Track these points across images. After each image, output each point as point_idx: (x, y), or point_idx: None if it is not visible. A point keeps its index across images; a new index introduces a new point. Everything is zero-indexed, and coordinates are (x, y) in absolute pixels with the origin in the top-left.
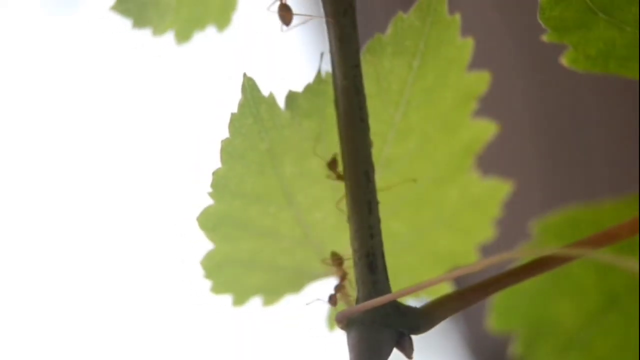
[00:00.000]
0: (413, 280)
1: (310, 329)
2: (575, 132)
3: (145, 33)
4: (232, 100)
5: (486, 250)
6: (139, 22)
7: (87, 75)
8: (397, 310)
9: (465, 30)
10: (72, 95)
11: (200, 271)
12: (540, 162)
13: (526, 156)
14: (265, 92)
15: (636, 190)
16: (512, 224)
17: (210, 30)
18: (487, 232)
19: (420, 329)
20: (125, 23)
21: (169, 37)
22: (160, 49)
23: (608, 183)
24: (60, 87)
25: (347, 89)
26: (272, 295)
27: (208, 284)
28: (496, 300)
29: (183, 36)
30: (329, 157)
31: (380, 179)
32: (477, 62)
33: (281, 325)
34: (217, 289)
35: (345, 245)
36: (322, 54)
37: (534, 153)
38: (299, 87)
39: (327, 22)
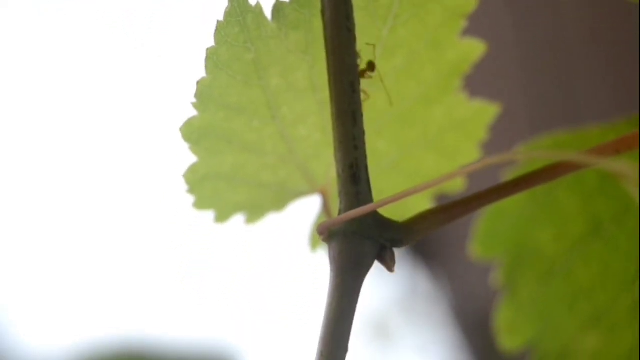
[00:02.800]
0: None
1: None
2: (562, 57)
3: None
4: (220, 8)
5: (471, 175)
6: None
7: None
8: (379, 222)
9: None
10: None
11: (183, 185)
12: (526, 87)
13: (512, 82)
14: (252, 1)
15: (622, 116)
16: (498, 149)
17: None
18: (472, 155)
19: (402, 241)
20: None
21: None
22: None
23: (595, 109)
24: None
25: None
26: (255, 212)
27: (191, 198)
28: (479, 227)
29: None
30: (313, 70)
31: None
32: None
33: (264, 243)
34: (200, 204)
35: (329, 162)
36: None
37: (519, 78)
38: None
39: None
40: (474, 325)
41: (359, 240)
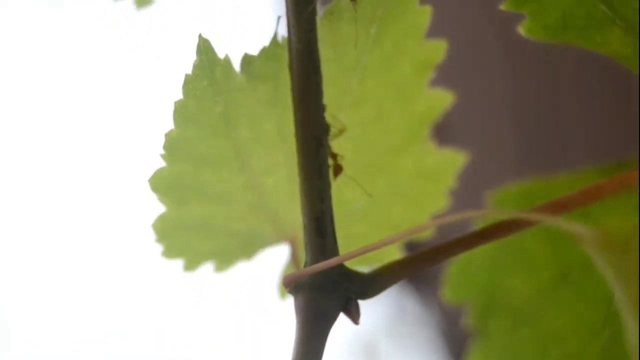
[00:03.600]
0: None
1: (261, 297)
2: (543, 104)
3: None
4: (188, 61)
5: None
6: None
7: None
8: (345, 274)
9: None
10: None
11: (152, 234)
12: (514, 133)
13: (501, 126)
14: (220, 55)
15: (594, 163)
16: (470, 195)
17: None
18: (441, 202)
19: (367, 293)
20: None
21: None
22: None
23: (580, 156)
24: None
25: (301, 52)
26: (224, 261)
27: (160, 247)
28: (450, 272)
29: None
30: (282, 122)
31: (335, 145)
32: (449, 31)
33: (234, 292)
34: (169, 253)
35: (297, 211)
36: (278, 18)
37: (509, 123)
38: (254, 51)
39: None
40: (462, 348)
41: (324, 294)
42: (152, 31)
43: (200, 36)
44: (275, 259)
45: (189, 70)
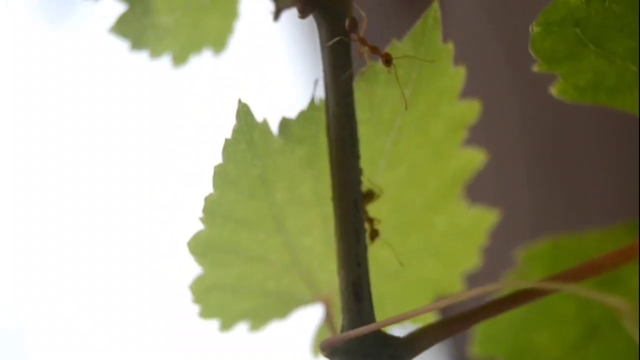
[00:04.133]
0: (399, 306)
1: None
2: (566, 161)
3: (143, 55)
4: (227, 125)
5: (474, 276)
6: (137, 44)
7: (83, 88)
8: (381, 340)
9: (460, 59)
10: (67, 108)
11: (189, 295)
12: (530, 190)
13: (517, 184)
14: (259, 118)
15: (621, 220)
16: (501, 250)
17: (207, 54)
18: (472, 261)
19: (403, 357)
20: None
21: (166, 59)
22: (160, 69)
23: (596, 213)
24: (54, 99)
25: (339, 116)
26: (259, 320)
27: (196, 308)
28: (479, 329)
29: (180, 59)
30: (318, 183)
31: (370, 205)
32: (471, 89)
33: (267, 350)
34: (205, 313)
35: (332, 272)
36: (316, 81)
37: (525, 181)
38: (292, 114)
39: (322, 50)
40: None
41: (360, 358)
42: (190, 91)
43: (239, 101)
44: (308, 316)
45: (229, 134)
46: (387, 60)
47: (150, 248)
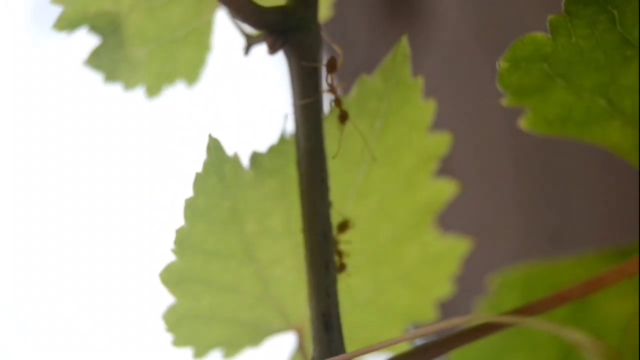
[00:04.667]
0: (372, 334)
1: None
2: (547, 188)
3: (116, 87)
4: (198, 156)
5: (448, 303)
6: (111, 77)
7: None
8: None
9: (449, 78)
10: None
11: (162, 325)
12: (515, 215)
13: (501, 209)
14: (230, 152)
15: (595, 248)
16: (475, 277)
17: (180, 86)
18: (445, 288)
19: None
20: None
21: (139, 91)
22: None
23: (575, 239)
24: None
25: (309, 151)
26: (232, 348)
27: (170, 337)
28: (453, 354)
29: (153, 91)
30: (289, 214)
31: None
32: (457, 110)
33: None
34: (179, 342)
35: (304, 301)
36: (285, 115)
37: (510, 206)
38: (263, 147)
39: (292, 84)
40: None
41: None
42: (160, 122)
43: (210, 136)
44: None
45: (199, 168)
46: (342, 117)
47: (123, 282)
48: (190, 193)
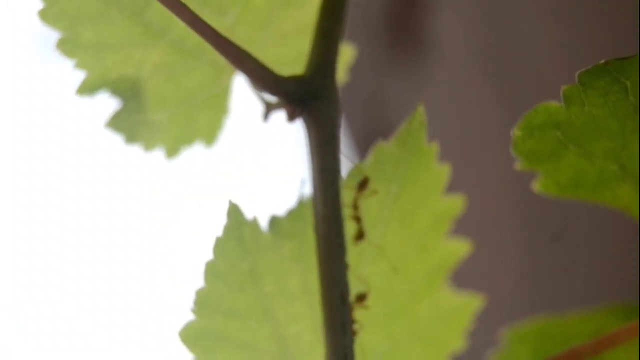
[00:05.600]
0: None
1: None
2: (553, 245)
3: (136, 148)
4: (218, 218)
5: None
6: (131, 138)
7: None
8: None
9: (458, 122)
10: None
11: None
12: (516, 272)
13: (503, 267)
14: (249, 216)
15: (606, 303)
16: (486, 331)
17: (198, 147)
18: (457, 343)
19: None
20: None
21: (159, 151)
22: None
23: (583, 294)
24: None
25: (326, 216)
26: None
27: None
28: None
29: (172, 152)
30: (306, 276)
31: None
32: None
33: None
34: None
35: (320, 359)
36: (302, 180)
37: (511, 263)
38: (280, 211)
39: (310, 152)
40: None
41: None
42: (180, 182)
43: (230, 201)
44: None
45: (219, 231)
46: (359, 236)
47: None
48: (210, 255)
